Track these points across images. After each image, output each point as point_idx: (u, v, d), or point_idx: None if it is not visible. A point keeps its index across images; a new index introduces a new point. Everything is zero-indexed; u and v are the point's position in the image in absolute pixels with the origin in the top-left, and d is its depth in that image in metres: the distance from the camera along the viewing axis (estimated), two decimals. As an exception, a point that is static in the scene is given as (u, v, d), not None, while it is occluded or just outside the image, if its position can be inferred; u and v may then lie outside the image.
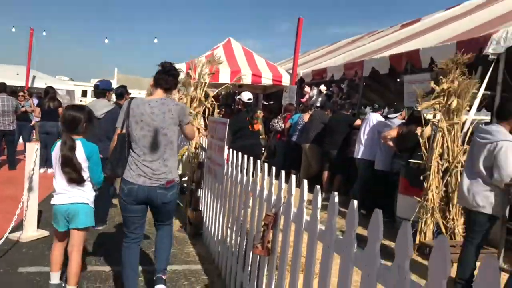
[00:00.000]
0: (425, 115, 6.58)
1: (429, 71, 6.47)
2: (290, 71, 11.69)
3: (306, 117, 9.42)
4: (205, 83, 5.83)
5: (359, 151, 7.24)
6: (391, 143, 6.27)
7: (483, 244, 3.77)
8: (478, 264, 4.20)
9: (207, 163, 5.06)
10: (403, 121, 6.54)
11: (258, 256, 2.87)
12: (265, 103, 14.89)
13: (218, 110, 9.30)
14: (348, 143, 8.02)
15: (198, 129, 5.77)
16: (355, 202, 1.91)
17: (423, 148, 5.18)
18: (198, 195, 5.44)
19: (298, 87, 11.05)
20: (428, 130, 5.15)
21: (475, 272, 3.97)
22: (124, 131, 3.24)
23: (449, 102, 4.93)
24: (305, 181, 2.51)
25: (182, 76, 4.84)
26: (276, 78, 11.34)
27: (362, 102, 8.74)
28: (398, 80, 7.12)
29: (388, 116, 6.77)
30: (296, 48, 11.38)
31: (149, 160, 3.19)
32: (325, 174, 8.16)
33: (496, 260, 1.14)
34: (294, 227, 2.51)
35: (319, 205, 2.26)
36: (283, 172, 2.87)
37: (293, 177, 2.67)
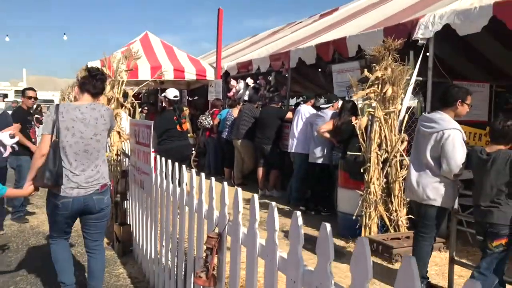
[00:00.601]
0: (358, 104, 6.47)
1: (358, 59, 6.35)
2: (214, 65, 11.25)
3: (235, 112, 9.05)
4: (123, 81, 5.22)
5: (293, 145, 7.00)
6: (327, 135, 6.07)
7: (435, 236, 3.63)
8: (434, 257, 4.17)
9: (131, 172, 4.50)
10: (336, 111, 6.37)
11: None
12: (189, 99, 14.30)
13: (140, 110, 8.61)
14: (280, 136, 7.77)
15: (119, 133, 5.16)
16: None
17: (360, 139, 5.00)
18: (124, 208, 4.85)
19: (223, 81, 10.63)
20: (364, 120, 4.98)
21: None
22: (54, 137, 3.04)
23: (384, 90, 4.78)
24: (239, 190, 2.14)
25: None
26: (200, 73, 10.82)
27: (290, 94, 8.48)
28: (326, 70, 6.94)
29: (321, 107, 6.57)
30: (218, 40, 10.95)
31: (82, 169, 3.10)
32: (260, 170, 7.85)
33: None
34: (245, 251, 2.10)
35: (277, 227, 1.86)
36: (225, 184, 2.44)
37: (239, 190, 2.25)
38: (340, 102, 6.42)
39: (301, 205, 6.62)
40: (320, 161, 6.35)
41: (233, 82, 10.03)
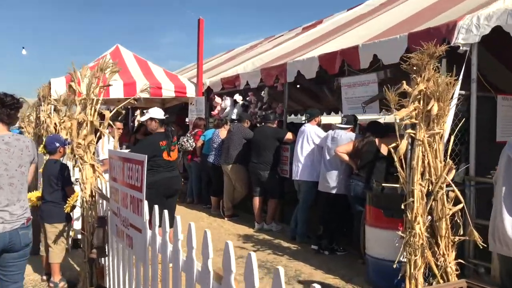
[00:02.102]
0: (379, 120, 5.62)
1: (375, 71, 5.48)
2: (193, 81, 10.21)
3: (222, 132, 8.01)
4: (97, 100, 4.12)
5: (298, 171, 6.01)
6: (346, 158, 5.14)
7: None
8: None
9: (113, 220, 3.39)
10: (351, 132, 5.45)
11: None
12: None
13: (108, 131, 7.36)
14: (278, 160, 6.78)
15: (93, 166, 4.03)
16: None
17: (399, 168, 4.05)
18: (101, 265, 3.71)
19: (206, 98, 9.60)
20: (404, 144, 4.04)
21: None
22: None
23: (428, 108, 3.87)
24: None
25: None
26: (179, 89, 9.74)
27: (287, 112, 7.49)
28: (334, 84, 6.02)
29: (337, 125, 5.63)
30: (199, 53, 9.96)
31: (5, 204, 2.94)
32: (256, 200, 6.81)
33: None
34: None
35: None
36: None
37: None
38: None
39: (312, 243, 5.61)
40: (334, 190, 5.38)
41: (217, 99, 9.00)
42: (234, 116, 8.43)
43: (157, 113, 5.30)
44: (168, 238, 2.43)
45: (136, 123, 14.43)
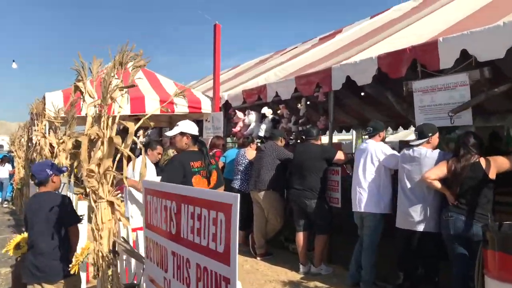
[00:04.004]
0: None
1: (465, 70, 4.29)
2: (208, 95, 9.00)
3: (250, 153, 6.76)
4: (119, 107, 2.87)
5: (361, 201, 4.74)
6: (438, 185, 3.90)
7: None
8: None
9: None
10: (436, 150, 4.22)
11: None
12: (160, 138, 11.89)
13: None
14: (325, 186, 5.52)
15: (111, 205, 2.74)
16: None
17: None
18: None
19: (224, 114, 8.38)
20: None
21: None
22: None
23: None
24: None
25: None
26: (194, 105, 8.51)
27: (333, 127, 6.24)
28: (405, 89, 4.81)
29: (411, 143, 4.40)
30: (216, 62, 8.74)
31: None
32: (301, 236, 5.51)
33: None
34: None
35: None
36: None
37: None
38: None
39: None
40: (421, 227, 4.09)
41: (239, 114, 7.78)
42: (261, 133, 7.20)
43: (189, 127, 4.06)
44: None
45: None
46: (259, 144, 7.16)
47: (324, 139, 6.60)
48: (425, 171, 4.03)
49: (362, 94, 7.34)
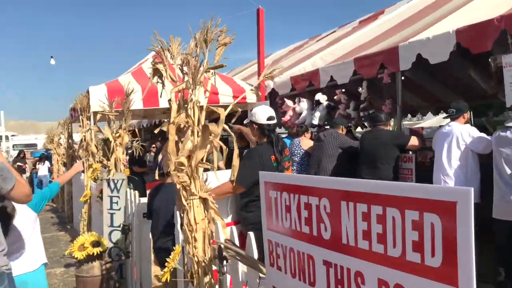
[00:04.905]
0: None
1: None
2: (249, 83, 8.63)
3: (305, 142, 6.38)
4: (205, 92, 2.53)
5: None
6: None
7: None
8: None
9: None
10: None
11: None
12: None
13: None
14: (397, 176, 5.09)
15: (204, 201, 2.39)
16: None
17: None
18: None
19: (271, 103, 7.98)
20: None
21: None
22: None
23: None
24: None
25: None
26: (238, 94, 8.14)
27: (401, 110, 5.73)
28: (493, 63, 4.33)
29: (507, 124, 3.92)
30: (260, 49, 8.33)
31: None
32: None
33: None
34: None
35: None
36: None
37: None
38: None
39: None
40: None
41: (288, 102, 7.38)
42: (315, 121, 6.78)
43: (259, 112, 3.64)
44: None
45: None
46: (314, 133, 6.77)
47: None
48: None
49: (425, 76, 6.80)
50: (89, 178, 5.71)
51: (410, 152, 5.14)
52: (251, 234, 2.19)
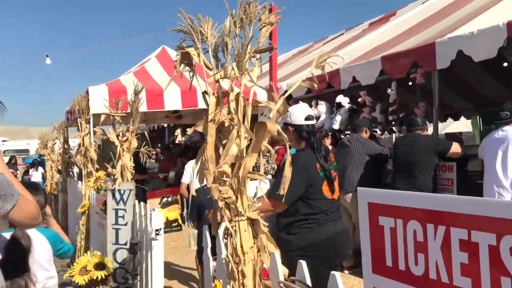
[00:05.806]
0: None
1: None
2: (260, 85, 8.08)
3: (326, 148, 5.81)
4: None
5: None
6: None
7: None
8: None
9: None
10: None
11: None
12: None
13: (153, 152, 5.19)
14: (436, 186, 4.54)
15: (253, 224, 1.82)
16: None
17: None
18: None
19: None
20: None
21: None
22: None
23: None
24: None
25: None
26: (248, 97, 7.58)
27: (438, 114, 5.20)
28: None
29: None
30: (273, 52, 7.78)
31: None
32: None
33: None
34: None
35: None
36: None
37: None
38: None
39: None
40: None
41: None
42: (336, 126, 6.23)
43: (296, 112, 3.07)
44: None
45: (177, 142, 12.34)
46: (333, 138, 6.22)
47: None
48: None
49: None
50: (90, 188, 5.12)
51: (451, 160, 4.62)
52: (303, 264, 1.62)
